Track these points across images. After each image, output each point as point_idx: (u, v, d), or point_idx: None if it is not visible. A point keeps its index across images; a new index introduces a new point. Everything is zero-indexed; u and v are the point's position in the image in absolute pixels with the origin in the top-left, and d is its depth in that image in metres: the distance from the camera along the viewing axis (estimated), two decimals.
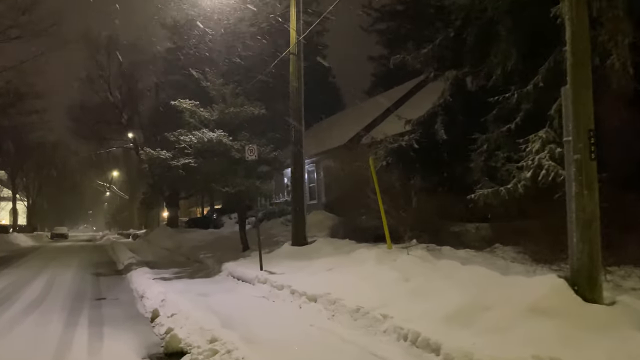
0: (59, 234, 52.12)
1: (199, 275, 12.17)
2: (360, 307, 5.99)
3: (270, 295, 8.30)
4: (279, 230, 18.38)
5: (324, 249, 10.60)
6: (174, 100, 29.51)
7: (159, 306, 8.07)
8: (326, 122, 31.77)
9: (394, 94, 25.41)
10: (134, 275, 12.56)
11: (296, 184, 11.99)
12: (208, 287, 10.08)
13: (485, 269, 6.03)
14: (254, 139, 12.92)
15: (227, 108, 13.08)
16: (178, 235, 24.69)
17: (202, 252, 15.57)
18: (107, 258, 20.14)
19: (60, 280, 12.85)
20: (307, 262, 9.58)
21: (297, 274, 8.67)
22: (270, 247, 13.50)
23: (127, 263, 15.56)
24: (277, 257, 11.04)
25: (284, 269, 9.51)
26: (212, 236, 19.98)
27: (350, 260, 8.47)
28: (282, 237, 14.62)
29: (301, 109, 12.04)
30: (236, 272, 10.76)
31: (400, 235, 10.02)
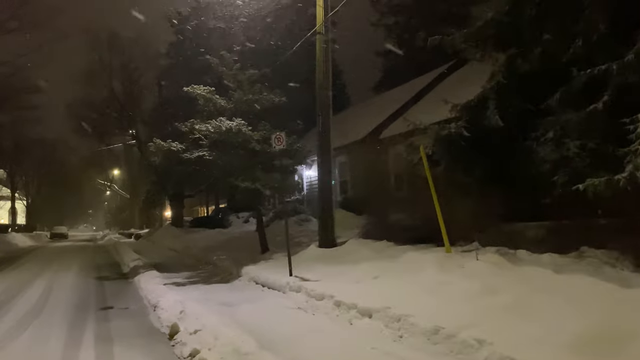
0: (59, 233, 50.90)
1: (216, 280, 10.92)
2: (440, 328, 4.75)
3: (308, 306, 7.05)
4: (294, 230, 17.09)
5: (360, 251, 9.35)
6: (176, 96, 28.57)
7: (178, 319, 6.83)
8: (336, 119, 30.63)
9: (409, 88, 24.22)
10: (142, 280, 11.32)
11: (323, 178, 10.74)
12: (230, 295, 8.83)
13: (595, 280, 4.79)
14: (274, 130, 11.66)
15: (244, 95, 11.81)
16: (185, 235, 23.44)
17: (214, 254, 14.32)
18: (110, 259, 18.88)
19: (60, 285, 11.61)
20: (344, 268, 8.32)
21: (337, 282, 7.42)
22: (292, 248, 12.24)
23: (133, 265, 14.32)
24: (304, 260, 9.79)
25: (318, 274, 8.27)
26: (223, 236, 18.73)
27: (401, 266, 7.22)
28: (302, 238, 13.38)
29: (329, 93, 10.80)
30: (260, 277, 9.51)
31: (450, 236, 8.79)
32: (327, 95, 10.79)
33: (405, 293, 5.94)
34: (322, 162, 10.68)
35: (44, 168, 54.35)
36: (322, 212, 10.56)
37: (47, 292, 10.57)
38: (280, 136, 8.84)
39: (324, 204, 10.65)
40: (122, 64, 31.04)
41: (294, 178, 16.86)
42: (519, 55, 9.28)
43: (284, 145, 8.89)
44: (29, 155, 49.54)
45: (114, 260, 18.20)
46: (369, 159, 16.17)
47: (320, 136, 10.77)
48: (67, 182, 60.85)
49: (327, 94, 10.78)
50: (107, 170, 60.15)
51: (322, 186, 10.69)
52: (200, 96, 11.63)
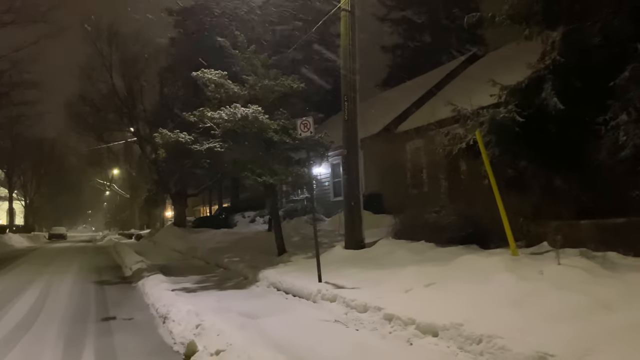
0: (57, 234, 49.79)
1: (230, 286, 9.79)
2: (547, 355, 3.63)
3: (349, 319, 5.93)
4: (307, 230, 16.01)
5: (396, 253, 8.23)
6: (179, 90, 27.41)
7: (195, 335, 5.73)
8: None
9: (422, 82, 23.14)
10: (147, 285, 10.20)
11: (350, 172, 9.61)
12: (250, 303, 7.70)
13: None
14: (292, 119, 10.56)
15: (260, 81, 10.68)
16: (188, 236, 22.30)
17: (224, 256, 13.19)
18: (110, 262, 17.75)
19: (56, 290, 10.49)
20: (384, 273, 7.20)
21: (381, 290, 6.30)
22: (312, 250, 11.11)
23: (136, 268, 13.18)
24: (331, 263, 8.66)
25: (353, 281, 7.14)
26: (231, 237, 17.60)
27: (458, 272, 6.11)
28: (321, 238, 12.22)
29: (355, 76, 9.69)
30: (282, 283, 8.38)
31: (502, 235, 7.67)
32: (354, 78, 9.68)
33: (478, 306, 4.82)
34: (349, 154, 9.55)
35: (43, 168, 53.32)
36: (349, 210, 9.44)
37: (42, 299, 9.45)
38: (307, 122, 7.70)
39: (351, 201, 9.51)
40: (123, 57, 29.84)
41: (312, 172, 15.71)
42: (576, 31, 8.19)
43: (311, 132, 7.76)
44: (27, 154, 48.53)
45: (114, 263, 17.07)
46: (391, 153, 15.03)
47: (347, 124, 9.64)
48: (66, 182, 59.81)
49: (353, 77, 9.67)
50: (107, 169, 58.91)
51: (349, 180, 9.56)
52: (211, 81, 10.49)
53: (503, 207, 6.37)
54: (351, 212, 9.48)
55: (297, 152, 11.57)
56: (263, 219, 24.95)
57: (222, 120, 9.67)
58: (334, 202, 22.37)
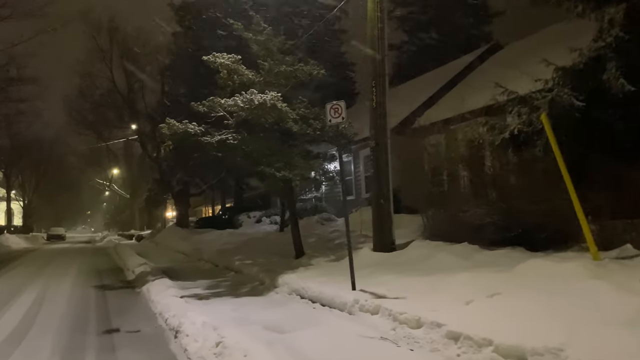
0: (56, 235, 48.79)
1: (245, 292, 8.83)
2: None
3: (398, 337, 4.97)
4: (321, 230, 15.10)
5: (436, 257, 7.28)
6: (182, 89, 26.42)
7: (215, 354, 4.82)
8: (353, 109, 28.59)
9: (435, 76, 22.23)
10: (152, 290, 9.26)
11: (379, 165, 8.65)
12: (272, 313, 6.75)
13: None
14: (312, 108, 9.66)
15: (276, 66, 9.73)
16: (193, 237, 21.32)
17: (234, 258, 12.22)
18: (111, 264, 16.79)
19: (53, 296, 9.55)
20: (431, 280, 6.24)
21: (433, 301, 5.34)
22: (333, 252, 10.19)
23: (139, 271, 12.22)
24: (362, 268, 7.67)
25: (395, 288, 6.18)
26: (238, 237, 16.63)
27: (527, 280, 5.16)
28: (343, 239, 11.28)
29: (384, 59, 8.75)
30: (307, 290, 7.41)
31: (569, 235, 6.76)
32: (383, 62, 8.74)
33: (571, 324, 3.87)
34: (378, 147, 8.60)
35: (41, 168, 52.39)
36: (378, 209, 8.48)
37: (37, 306, 8.51)
38: (339, 106, 6.74)
39: (380, 199, 8.55)
40: (123, 52, 28.90)
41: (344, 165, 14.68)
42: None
43: (343, 118, 6.81)
44: (26, 154, 47.63)
45: (116, 265, 16.11)
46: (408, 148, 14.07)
47: (375, 113, 8.69)
48: (65, 182, 58.98)
49: (382, 60, 8.73)
50: (106, 169, 57.96)
51: (377, 176, 8.59)
52: (223, 66, 9.53)
53: (579, 203, 5.41)
54: (380, 211, 8.52)
55: (315, 145, 10.63)
56: (270, 219, 24.00)
57: (237, 107, 8.71)
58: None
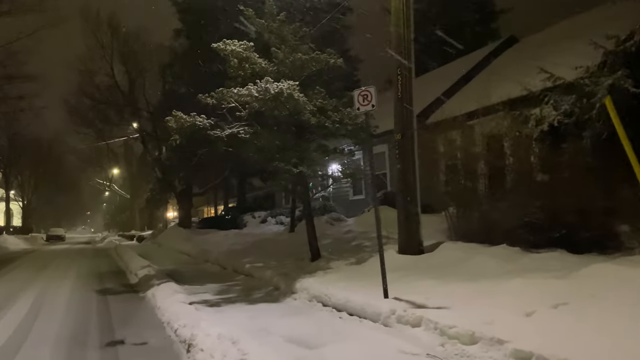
0: (55, 235, 48.04)
1: (260, 298, 8.13)
2: None
3: (448, 354, 4.28)
4: (333, 231, 14.38)
5: (476, 261, 6.58)
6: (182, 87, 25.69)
7: None
8: None
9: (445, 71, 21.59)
10: (158, 296, 8.57)
11: (405, 159, 7.95)
12: (294, 323, 6.05)
13: None
14: (330, 99, 8.97)
15: (290, 54, 9.04)
16: (196, 237, 20.62)
17: (244, 261, 11.54)
18: (113, 266, 16.09)
19: (51, 302, 8.85)
20: (473, 286, 5.55)
21: (484, 311, 4.65)
22: (352, 254, 9.48)
23: (143, 274, 11.53)
24: (390, 272, 6.93)
25: (432, 296, 5.49)
26: (245, 238, 15.93)
27: (596, 288, 4.47)
28: (361, 241, 10.63)
29: (410, 44, 8.06)
30: (331, 297, 6.71)
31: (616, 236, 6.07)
32: (408, 47, 8.04)
33: None
34: (404, 139, 7.90)
35: (41, 168, 51.71)
36: (404, 207, 7.77)
37: (34, 313, 7.82)
38: (368, 92, 6.04)
39: (407, 196, 7.84)
40: (124, 48, 28.20)
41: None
42: None
43: (372, 106, 6.12)
44: (25, 153, 47.00)
45: (117, 267, 15.41)
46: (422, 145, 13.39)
47: (400, 103, 7.99)
48: (64, 182, 58.34)
49: (408, 45, 8.03)
50: (106, 169, 57.27)
51: (403, 171, 7.89)
52: (234, 54, 8.83)
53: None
54: (407, 209, 7.82)
55: (331, 140, 9.94)
56: (275, 219, 23.31)
57: (250, 98, 8.01)
58: (353, 201, 20.71)
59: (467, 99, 13.96)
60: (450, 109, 13.66)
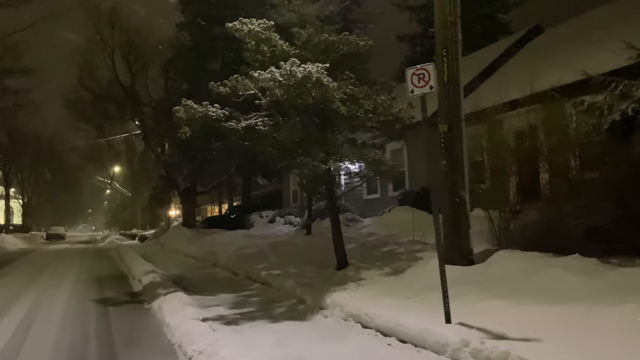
0: (55, 234, 47.10)
1: (283, 314, 7.06)
2: None
3: None
4: (350, 233, 13.26)
5: (548, 275, 5.49)
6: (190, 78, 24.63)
7: None
8: None
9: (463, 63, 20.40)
10: (165, 309, 7.54)
11: (452, 154, 6.86)
12: (336, 352, 4.98)
13: None
14: (360, 86, 7.90)
15: (316, 34, 7.97)
16: (201, 238, 19.56)
17: (258, 267, 10.48)
18: (114, 269, 15.05)
19: (45, 316, 7.81)
20: (559, 310, 4.50)
21: (591, 347, 3.59)
22: (384, 262, 8.40)
23: (147, 281, 10.49)
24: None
25: (508, 321, 4.43)
26: (256, 240, 14.85)
27: None
28: (391, 246, 9.56)
29: (457, 21, 6.99)
30: (374, 317, 5.63)
31: None
32: (455, 25, 6.97)
33: None
34: (450, 131, 6.81)
35: (41, 165, 50.79)
36: (452, 209, 6.69)
37: (24, 330, 6.78)
38: (424, 71, 4.97)
39: (455, 196, 6.76)
40: (126, 41, 27.10)
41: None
42: None
43: (431, 87, 5.07)
44: (25, 151, 46.06)
45: (119, 271, 14.36)
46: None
47: (446, 89, 6.90)
48: (65, 180, 57.39)
49: (454, 23, 6.96)
50: (108, 167, 56.33)
51: (450, 167, 6.79)
52: (252, 35, 7.75)
53: None
54: (455, 212, 6.73)
55: (357, 133, 8.87)
56: (284, 219, 22.27)
57: (273, 83, 6.94)
58: (367, 201, 19.62)
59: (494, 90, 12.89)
60: (482, 101, 12.57)
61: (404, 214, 13.41)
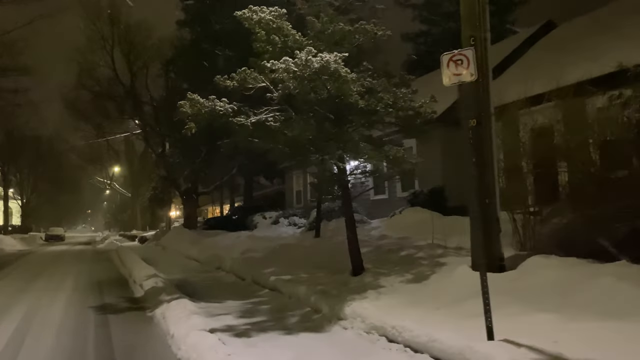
0: (55, 235, 46.50)
1: (297, 324, 6.52)
2: None
3: None
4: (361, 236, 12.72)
5: (598, 285, 4.93)
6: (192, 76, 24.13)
7: None
8: None
9: None
10: (170, 318, 6.99)
11: (482, 152, 6.29)
12: None
13: None
14: (378, 79, 7.37)
15: (331, 24, 7.43)
16: (204, 240, 19.01)
17: (266, 271, 9.93)
18: (114, 273, 14.50)
19: (40, 326, 7.26)
20: (621, 327, 3.96)
21: None
22: (404, 267, 7.85)
23: (149, 286, 9.94)
24: (469, 296, 5.41)
25: (561, 338, 3.90)
26: (263, 243, 14.31)
27: None
28: (409, 250, 9.01)
29: (486, 6, 6.46)
30: (403, 330, 5.08)
31: None
32: (483, 11, 6.44)
33: None
34: (479, 127, 6.24)
35: (40, 165, 50.23)
36: (481, 211, 6.13)
37: (16, 344, 6.24)
38: (463, 57, 4.45)
39: (484, 197, 6.21)
40: (126, 39, 26.58)
41: None
42: None
43: (471, 75, 4.54)
44: (24, 151, 45.56)
45: (119, 275, 13.81)
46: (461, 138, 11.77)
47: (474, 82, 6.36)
48: (64, 180, 56.82)
49: (483, 9, 6.42)
50: (107, 167, 55.78)
51: (480, 165, 6.19)
52: (263, 24, 7.21)
53: None
54: (484, 213, 6.17)
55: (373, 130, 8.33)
56: (288, 220, 21.72)
57: (287, 74, 6.40)
58: (374, 202, 19.05)
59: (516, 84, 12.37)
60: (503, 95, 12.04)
61: (417, 215, 12.88)
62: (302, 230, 16.92)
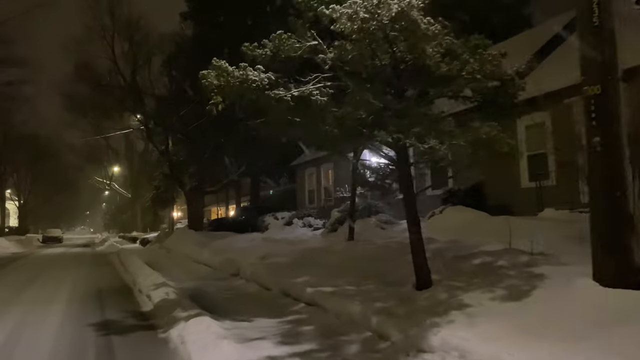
0: (52, 237, 44.96)
1: (360, 356, 4.97)
2: None
3: None
4: (398, 238, 11.21)
5: None
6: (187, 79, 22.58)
7: None
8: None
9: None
10: (191, 343, 5.52)
11: (608, 128, 4.68)
12: None
13: None
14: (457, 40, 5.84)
15: None
16: (213, 242, 17.40)
17: (298, 281, 8.37)
18: (116, 280, 12.93)
19: (28, 347, 5.73)
20: None
21: None
22: (487, 280, 6.26)
23: (159, 298, 8.39)
24: (615, 323, 3.86)
25: None
26: (282, 246, 12.74)
27: None
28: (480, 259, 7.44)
29: None
30: None
31: None
32: None
33: None
34: (603, 95, 4.70)
35: (38, 165, 48.78)
36: (609, 208, 4.60)
37: None
38: None
39: (615, 190, 4.63)
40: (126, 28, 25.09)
41: None
42: None
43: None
44: (21, 151, 44.10)
45: (122, 282, 12.23)
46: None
47: (596, 39, 4.83)
48: (63, 181, 55.38)
49: None
50: (106, 167, 54.22)
51: (607, 147, 4.67)
52: None
53: None
54: (613, 211, 4.62)
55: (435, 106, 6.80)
56: (302, 221, 20.19)
57: (351, 23, 4.81)
58: (400, 201, 17.55)
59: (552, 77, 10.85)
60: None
61: (461, 215, 11.38)
62: (323, 232, 15.36)
